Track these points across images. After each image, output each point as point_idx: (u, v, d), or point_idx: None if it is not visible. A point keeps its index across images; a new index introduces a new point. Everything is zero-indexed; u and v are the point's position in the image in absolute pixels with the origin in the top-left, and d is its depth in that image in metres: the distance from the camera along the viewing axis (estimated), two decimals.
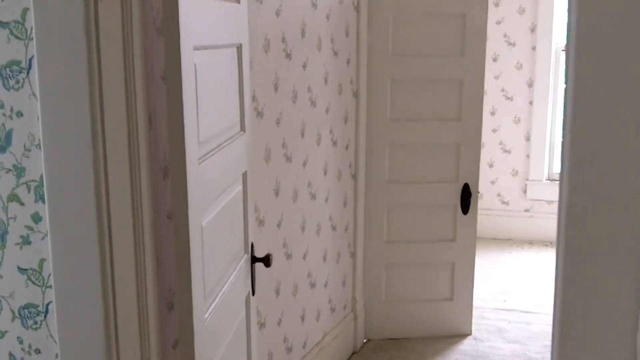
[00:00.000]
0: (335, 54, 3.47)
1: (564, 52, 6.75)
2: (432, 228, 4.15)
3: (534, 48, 6.55)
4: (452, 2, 3.93)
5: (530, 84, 6.62)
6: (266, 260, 2.20)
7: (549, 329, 4.67)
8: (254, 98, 2.60)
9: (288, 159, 2.96)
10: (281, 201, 2.91)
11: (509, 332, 4.37)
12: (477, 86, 4.03)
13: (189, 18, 1.57)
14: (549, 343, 4.46)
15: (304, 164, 3.15)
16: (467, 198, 4.10)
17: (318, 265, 3.39)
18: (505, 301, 4.95)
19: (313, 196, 3.28)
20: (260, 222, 2.71)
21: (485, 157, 6.58)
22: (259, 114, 2.66)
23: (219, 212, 1.85)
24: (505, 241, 6.61)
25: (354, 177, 3.88)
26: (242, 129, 2.11)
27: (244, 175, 2.14)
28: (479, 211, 6.14)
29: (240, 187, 2.09)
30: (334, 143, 3.54)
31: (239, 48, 2.05)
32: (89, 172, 1.48)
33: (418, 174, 4.08)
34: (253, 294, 2.22)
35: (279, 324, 2.92)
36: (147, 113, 1.73)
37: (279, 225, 2.90)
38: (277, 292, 2.89)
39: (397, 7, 3.89)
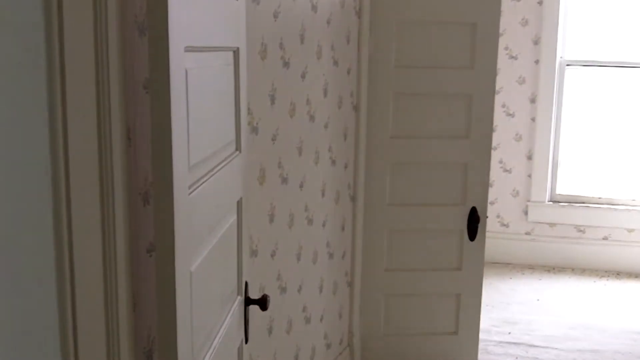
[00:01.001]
0: (336, 63, 3.20)
1: (568, 67, 6.57)
2: (436, 255, 3.87)
3: (537, 62, 6.31)
4: (461, 10, 3.67)
5: (532, 100, 6.37)
6: (262, 303, 1.91)
7: None
8: (248, 111, 2.31)
9: (284, 180, 2.67)
10: (276, 228, 2.61)
11: None
12: (486, 101, 3.76)
13: (180, 12, 1.28)
14: None
15: (301, 185, 2.86)
16: (474, 223, 3.82)
17: (314, 298, 3.09)
18: (509, 333, 4.67)
19: (310, 221, 2.99)
20: (253, 253, 2.41)
21: None
22: (254, 130, 2.37)
23: (211, 250, 1.55)
24: (504, 265, 6.34)
25: (353, 199, 3.60)
26: (238, 148, 1.82)
27: (239, 203, 1.84)
28: None
29: (234, 218, 1.79)
30: (333, 162, 3.26)
31: (236, 52, 1.76)
32: (46, 197, 1.18)
33: (421, 196, 3.80)
34: (246, 341, 1.92)
35: None
36: (125, 127, 1.44)
37: (273, 255, 2.60)
38: (270, 331, 2.59)
39: (402, 14, 3.62)
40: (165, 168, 1.26)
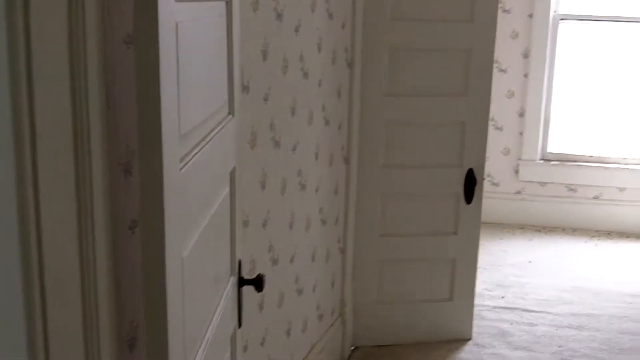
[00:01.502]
0: (330, 16, 2.98)
1: (562, 21, 6.35)
2: (431, 219, 3.70)
3: (530, 16, 6.10)
4: None
5: (526, 55, 6.18)
6: (258, 283, 1.72)
7: (554, 331, 4.32)
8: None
9: (276, 143, 2.48)
10: (268, 195, 2.42)
11: (513, 336, 3.96)
12: (486, 57, 3.57)
13: None
14: (558, 349, 4.09)
15: (294, 148, 2.67)
16: (471, 185, 3.65)
17: (306, 268, 2.92)
18: (503, 297, 4.54)
19: (303, 186, 2.81)
20: (245, 223, 2.22)
21: None
22: (245, 89, 2.16)
23: (204, 228, 1.36)
24: (495, 225, 6.20)
25: (346, 160, 3.41)
26: (231, 112, 1.61)
27: (232, 172, 1.65)
28: None
29: (227, 190, 1.60)
30: (327, 122, 3.06)
31: (229, 2, 1.55)
32: (7, 169, 0.98)
33: (417, 158, 3.62)
34: (240, 325, 1.74)
35: (262, 344, 2.45)
36: (103, 88, 1.23)
37: (264, 225, 2.42)
38: (261, 307, 2.41)
39: None
40: (153, 137, 1.06)
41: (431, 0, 3.44)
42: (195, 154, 1.27)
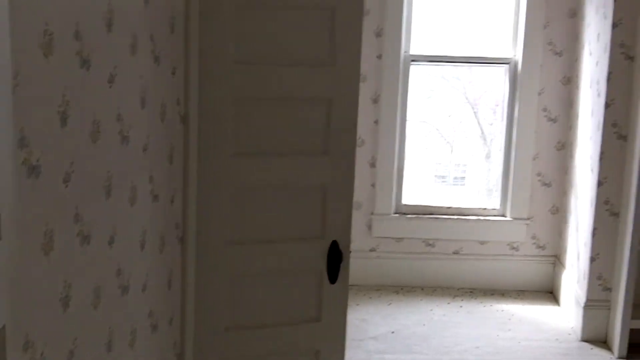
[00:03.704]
0: (157, 59, 2.35)
1: (414, 63, 6.01)
2: (289, 304, 3.12)
3: (379, 57, 5.75)
4: None
5: (375, 100, 5.80)
6: None
7: None
8: (22, 142, 1.43)
9: (85, 239, 1.80)
10: (73, 317, 1.74)
11: None
12: (350, 107, 3.06)
13: None
14: None
15: (111, 241, 2.00)
16: (335, 261, 3.11)
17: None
18: None
19: (125, 289, 2.14)
20: None
21: None
22: (32, 170, 1.49)
23: None
24: (349, 288, 5.70)
25: (182, 241, 2.77)
26: None
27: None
28: None
29: None
30: (155, 197, 2.41)
31: None
32: None
33: (271, 230, 3.03)
34: None
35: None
36: None
37: None
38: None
39: None
40: None
41: (283, 39, 2.90)
42: None
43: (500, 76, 5.97)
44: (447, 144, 6.41)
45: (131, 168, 2.15)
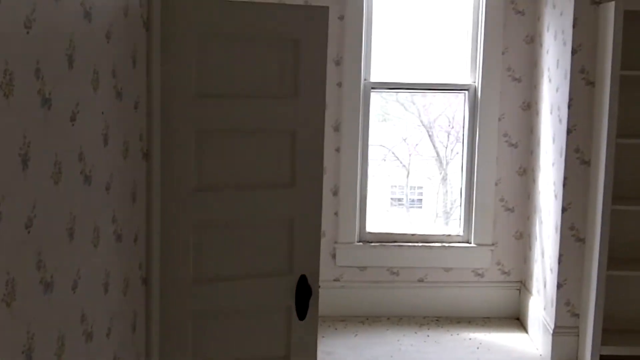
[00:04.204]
0: (119, 95, 2.29)
1: (373, 90, 6.01)
2: (257, 344, 3.05)
3: (339, 84, 5.74)
4: (280, 22, 2.90)
5: (336, 128, 5.79)
6: None
7: None
8: None
9: (48, 286, 1.73)
10: None
11: None
12: (315, 138, 3.03)
13: None
14: None
15: (74, 286, 1.93)
16: (304, 296, 3.05)
17: None
18: None
19: (89, 336, 2.06)
20: None
21: None
22: None
23: None
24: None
25: (146, 282, 2.70)
26: None
27: None
28: None
29: None
30: (119, 237, 2.34)
31: None
32: None
33: (237, 267, 2.97)
34: None
35: None
36: None
37: None
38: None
39: (203, 25, 2.78)
40: None
41: (246, 71, 2.86)
42: None
43: (453, 99, 6.01)
44: (403, 167, 6.42)
45: (94, 208, 2.08)
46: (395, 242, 5.93)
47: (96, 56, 2.05)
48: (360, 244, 5.92)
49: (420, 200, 6.48)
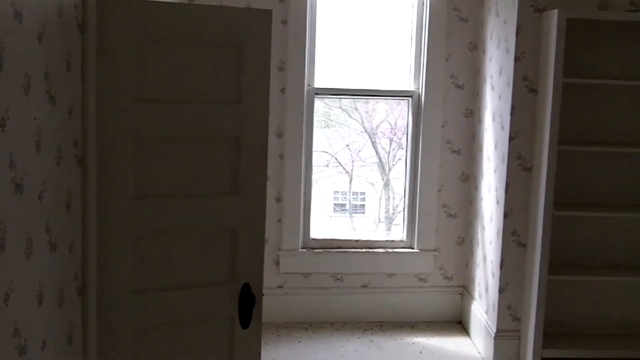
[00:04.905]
0: (52, 99, 2.19)
1: (317, 96, 5.95)
2: (199, 354, 2.97)
3: (282, 90, 5.68)
4: (222, 26, 2.83)
5: (280, 135, 5.72)
6: None
7: None
8: None
9: None
10: None
11: None
12: (258, 145, 2.96)
13: None
14: None
15: (6, 299, 1.82)
16: (248, 304, 2.98)
17: None
18: None
19: (22, 350, 1.95)
20: None
21: None
22: None
23: None
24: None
25: (82, 292, 2.59)
26: None
27: None
28: None
29: None
30: (53, 247, 2.24)
31: None
32: None
33: (177, 276, 2.88)
34: None
35: None
36: None
37: None
38: None
39: (142, 28, 2.68)
40: None
41: (186, 76, 2.78)
42: None
43: (396, 105, 6.00)
44: (346, 173, 6.38)
45: (26, 218, 1.98)
46: (339, 248, 5.89)
47: (27, 59, 1.95)
48: (304, 250, 5.86)
49: (363, 206, 6.44)
